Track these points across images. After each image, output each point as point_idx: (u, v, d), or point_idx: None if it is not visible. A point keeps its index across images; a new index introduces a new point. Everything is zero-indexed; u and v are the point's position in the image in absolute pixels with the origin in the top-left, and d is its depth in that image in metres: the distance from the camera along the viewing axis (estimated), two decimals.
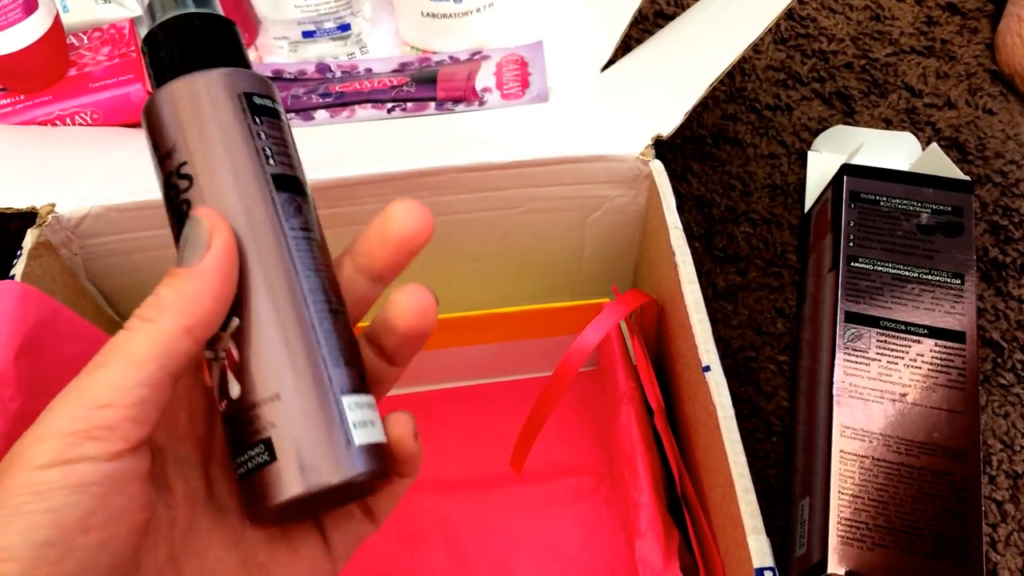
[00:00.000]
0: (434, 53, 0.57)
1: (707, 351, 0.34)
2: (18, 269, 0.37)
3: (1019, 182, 0.56)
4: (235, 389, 0.24)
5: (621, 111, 0.46)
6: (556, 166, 0.42)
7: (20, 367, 0.35)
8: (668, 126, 0.41)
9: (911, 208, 0.48)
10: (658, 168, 0.40)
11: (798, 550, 0.43)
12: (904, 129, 0.59)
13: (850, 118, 0.60)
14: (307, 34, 0.57)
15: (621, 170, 0.42)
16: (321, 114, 0.53)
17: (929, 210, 0.48)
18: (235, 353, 0.24)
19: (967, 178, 0.50)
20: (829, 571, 0.39)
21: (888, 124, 0.59)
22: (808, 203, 0.56)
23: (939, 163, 0.51)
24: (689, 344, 0.36)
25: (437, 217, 0.44)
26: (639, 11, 0.64)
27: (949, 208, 0.48)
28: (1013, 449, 0.48)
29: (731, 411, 0.33)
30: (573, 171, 0.42)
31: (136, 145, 0.50)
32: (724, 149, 0.58)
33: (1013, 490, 0.47)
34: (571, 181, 0.43)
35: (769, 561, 0.30)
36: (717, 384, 0.33)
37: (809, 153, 0.58)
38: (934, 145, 0.51)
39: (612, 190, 0.43)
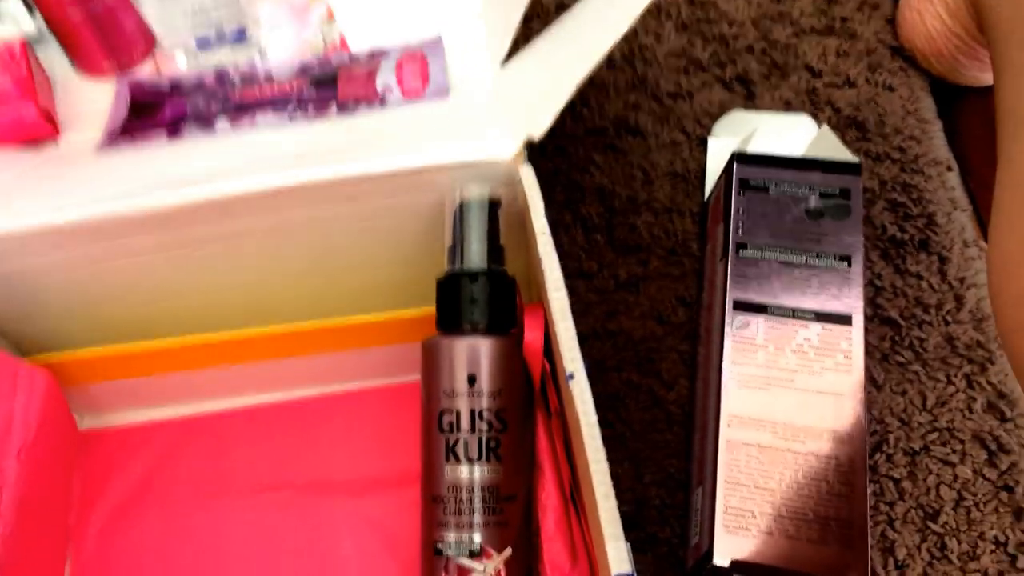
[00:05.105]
0: (334, 53, 0.56)
1: (572, 359, 0.34)
2: None
3: (918, 158, 0.57)
4: None
5: (507, 111, 0.45)
6: (435, 173, 0.42)
7: None
8: (540, 127, 0.40)
9: (799, 193, 0.49)
10: (526, 173, 0.40)
11: (693, 539, 0.44)
12: (805, 110, 0.59)
13: (751, 102, 0.60)
14: (202, 42, 0.56)
15: (498, 174, 0.42)
16: (222, 123, 0.52)
17: (817, 194, 0.48)
18: None
19: (856, 160, 0.50)
20: (714, 562, 0.39)
21: (788, 106, 0.59)
22: (708, 190, 0.56)
23: (830, 145, 0.51)
24: (559, 351, 0.36)
25: (318, 227, 0.44)
26: (540, 4, 0.63)
27: (837, 191, 0.48)
28: (910, 427, 0.49)
29: (594, 418, 0.33)
30: (452, 176, 0.42)
31: (22, 166, 0.49)
32: (626, 139, 0.58)
33: (911, 467, 0.48)
34: (450, 185, 0.43)
35: (627, 568, 0.30)
36: (581, 392, 0.34)
37: (709, 140, 0.58)
38: (825, 127, 0.51)
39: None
